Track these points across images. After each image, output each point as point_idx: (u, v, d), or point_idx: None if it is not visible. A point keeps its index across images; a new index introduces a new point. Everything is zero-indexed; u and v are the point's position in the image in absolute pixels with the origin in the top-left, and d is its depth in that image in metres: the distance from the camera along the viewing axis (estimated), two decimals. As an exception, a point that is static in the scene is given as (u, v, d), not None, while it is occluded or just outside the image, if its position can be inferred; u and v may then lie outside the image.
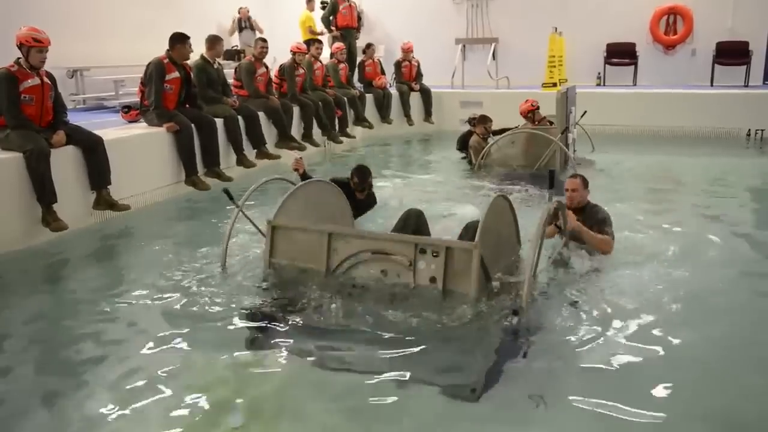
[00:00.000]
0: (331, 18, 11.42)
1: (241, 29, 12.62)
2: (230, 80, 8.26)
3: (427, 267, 3.58)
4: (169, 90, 6.63)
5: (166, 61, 6.56)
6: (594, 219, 4.44)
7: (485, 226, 3.52)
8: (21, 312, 3.94)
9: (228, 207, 4.25)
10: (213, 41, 7.49)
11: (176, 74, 6.63)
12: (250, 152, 7.69)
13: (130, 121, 7.22)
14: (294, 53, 8.92)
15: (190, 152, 6.71)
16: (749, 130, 9.88)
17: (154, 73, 6.48)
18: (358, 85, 11.07)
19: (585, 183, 4.62)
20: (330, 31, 11.56)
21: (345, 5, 11.35)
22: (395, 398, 2.83)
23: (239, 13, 12.60)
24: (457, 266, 3.53)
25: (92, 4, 9.92)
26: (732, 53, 11.38)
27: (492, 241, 3.70)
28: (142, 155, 6.35)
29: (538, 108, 8.10)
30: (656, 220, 5.38)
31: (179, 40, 6.62)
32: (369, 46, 11.23)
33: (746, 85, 11.09)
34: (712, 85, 11.21)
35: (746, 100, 10.08)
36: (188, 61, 6.89)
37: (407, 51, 11.28)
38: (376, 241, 3.79)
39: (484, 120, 8.08)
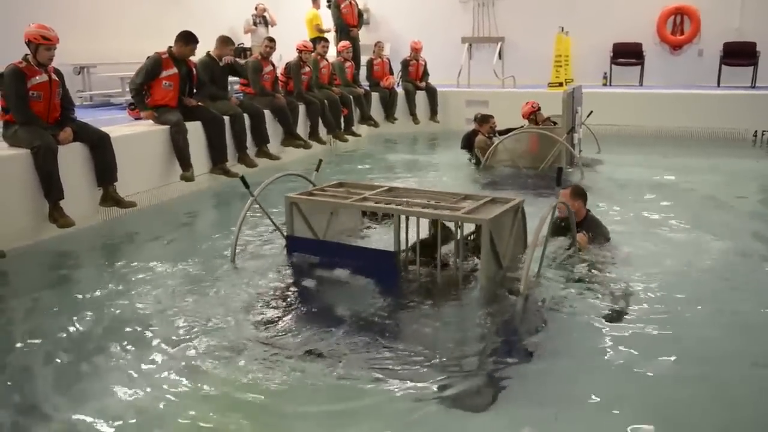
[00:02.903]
0: (339, 16, 11.44)
1: (255, 25, 12.57)
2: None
3: (469, 204, 4.02)
4: (168, 86, 6.62)
5: (165, 56, 6.54)
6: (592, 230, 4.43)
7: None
8: (27, 307, 3.96)
9: (236, 205, 4.27)
10: (220, 42, 7.50)
11: (174, 70, 6.59)
12: (252, 151, 7.67)
13: (136, 118, 7.24)
14: (300, 51, 8.94)
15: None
16: (756, 131, 9.86)
17: (146, 67, 6.51)
18: (364, 83, 11.07)
19: (576, 194, 4.43)
20: (351, 24, 11.49)
21: (345, 3, 11.37)
22: (399, 401, 2.81)
23: (256, 9, 12.57)
24: (491, 209, 3.95)
25: (99, 1, 9.95)
26: (739, 54, 11.34)
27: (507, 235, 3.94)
28: (149, 152, 6.36)
29: (539, 109, 8.08)
30: (661, 221, 5.37)
31: (182, 39, 6.59)
32: (377, 44, 11.23)
33: (753, 86, 11.06)
34: (718, 86, 11.18)
35: (753, 101, 10.05)
36: (193, 58, 6.89)
37: (417, 50, 11.26)
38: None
39: (486, 119, 8.08)
